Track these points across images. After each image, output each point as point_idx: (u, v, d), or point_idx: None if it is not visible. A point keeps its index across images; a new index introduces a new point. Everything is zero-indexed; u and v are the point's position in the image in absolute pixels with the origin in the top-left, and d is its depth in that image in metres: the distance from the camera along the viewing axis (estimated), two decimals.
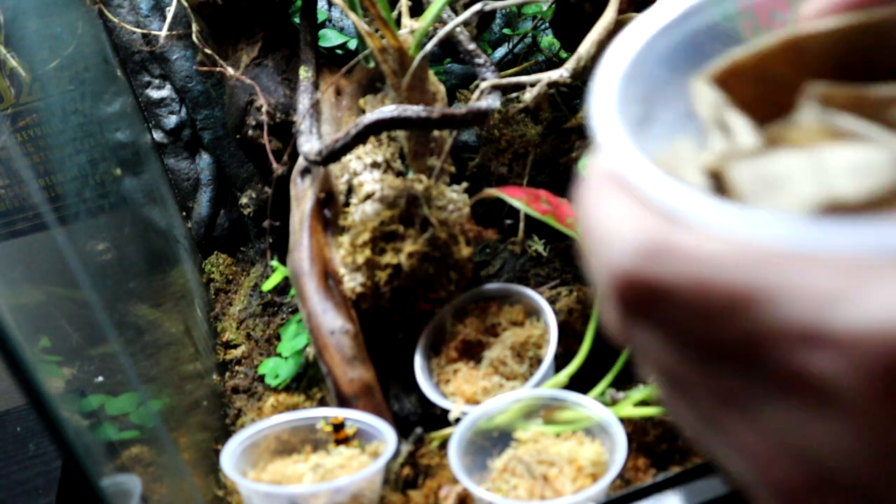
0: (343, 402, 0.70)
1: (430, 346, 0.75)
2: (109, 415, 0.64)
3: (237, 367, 0.92)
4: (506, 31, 1.11)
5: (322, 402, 0.81)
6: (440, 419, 0.73)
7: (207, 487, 0.73)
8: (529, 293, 0.74)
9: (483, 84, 0.74)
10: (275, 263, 0.94)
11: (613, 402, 0.66)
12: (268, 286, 0.94)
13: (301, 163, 0.81)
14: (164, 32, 0.98)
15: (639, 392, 0.66)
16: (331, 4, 1.07)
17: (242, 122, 0.91)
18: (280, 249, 0.90)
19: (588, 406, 0.64)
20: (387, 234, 0.73)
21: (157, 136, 1.09)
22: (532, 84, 0.75)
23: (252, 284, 1.03)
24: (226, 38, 0.93)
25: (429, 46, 0.73)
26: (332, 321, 0.72)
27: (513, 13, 1.12)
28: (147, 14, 1.04)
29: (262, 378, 0.88)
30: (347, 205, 0.78)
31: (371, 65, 0.89)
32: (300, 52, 0.88)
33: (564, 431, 0.65)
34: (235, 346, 0.95)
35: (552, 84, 0.75)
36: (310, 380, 0.84)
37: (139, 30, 1.03)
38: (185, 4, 0.93)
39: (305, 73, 0.85)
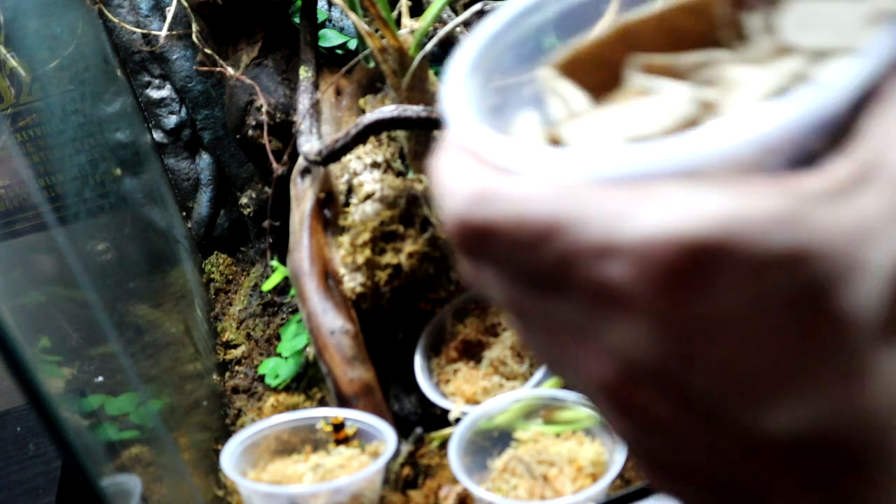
0: (343, 402, 0.70)
1: (430, 346, 0.75)
2: (109, 415, 0.64)
3: (237, 367, 0.92)
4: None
5: (322, 402, 0.81)
6: (440, 419, 0.73)
7: (207, 487, 0.73)
8: None
9: None
10: (275, 263, 0.94)
11: None
12: (268, 286, 0.94)
13: (301, 163, 0.81)
14: (164, 32, 0.98)
15: None
16: (331, 4, 1.07)
17: (242, 122, 0.91)
18: (280, 249, 0.90)
19: (588, 406, 0.64)
20: (387, 234, 0.73)
21: (157, 136, 1.09)
22: None
23: (252, 284, 1.03)
24: (226, 38, 0.93)
25: (429, 46, 0.73)
26: (332, 321, 0.72)
27: None
28: (147, 14, 1.04)
29: (262, 378, 0.88)
30: (347, 205, 0.78)
31: (371, 65, 0.89)
32: (300, 52, 0.88)
33: (564, 431, 0.65)
34: (235, 346, 0.95)
35: None
36: (310, 380, 0.84)
37: (139, 30, 1.03)
38: (185, 4, 0.93)
39: (305, 73, 0.85)
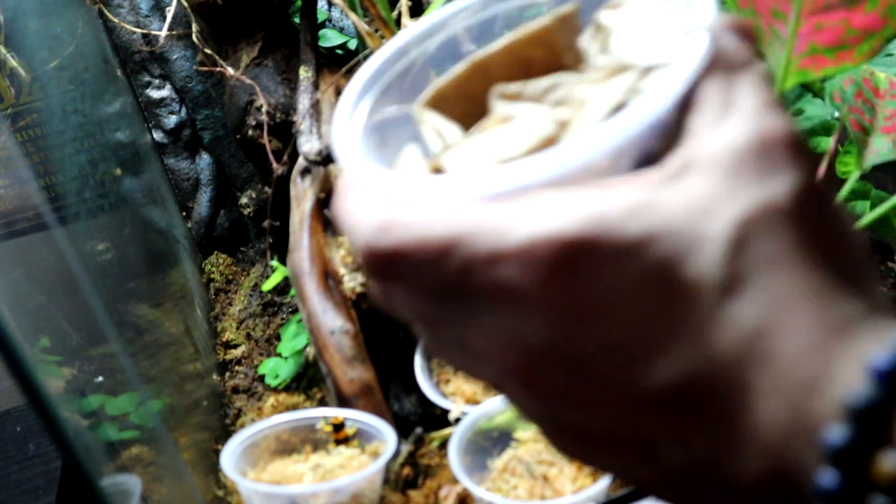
0: (343, 402, 0.70)
1: None
2: (109, 415, 0.64)
3: (237, 367, 0.92)
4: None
5: (322, 402, 0.81)
6: (440, 419, 0.73)
7: (207, 487, 0.73)
8: None
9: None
10: (275, 263, 0.94)
11: None
12: (268, 286, 0.94)
13: (301, 163, 0.81)
14: (164, 32, 0.98)
15: None
16: (331, 4, 1.07)
17: (242, 122, 0.91)
18: (280, 249, 0.90)
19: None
20: None
21: (157, 136, 1.09)
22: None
23: (252, 284, 1.03)
24: (226, 38, 0.93)
25: None
26: (332, 321, 0.72)
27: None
28: (147, 14, 1.04)
29: (262, 378, 0.88)
30: None
31: None
32: (300, 52, 0.88)
33: None
34: (235, 346, 0.95)
35: None
36: (310, 380, 0.84)
37: (139, 30, 1.03)
38: (185, 4, 0.93)
39: (305, 73, 0.85)
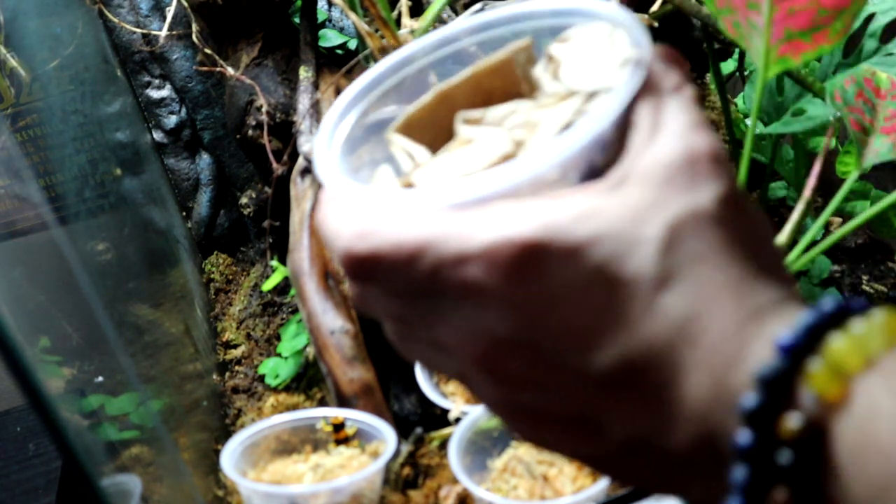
0: (343, 402, 0.70)
1: None
2: (109, 415, 0.64)
3: (237, 367, 0.92)
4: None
5: (322, 402, 0.81)
6: (440, 419, 0.73)
7: (207, 487, 0.73)
8: None
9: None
10: (275, 263, 0.94)
11: None
12: (268, 286, 0.94)
13: (301, 163, 0.81)
14: (164, 32, 0.98)
15: None
16: (331, 4, 1.07)
17: (242, 122, 0.91)
18: (280, 249, 0.90)
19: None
20: None
21: (157, 136, 1.09)
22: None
23: (252, 284, 1.03)
24: (226, 38, 0.93)
25: None
26: (332, 321, 0.72)
27: None
28: (147, 14, 1.04)
29: (262, 378, 0.88)
30: None
31: (371, 65, 0.89)
32: (300, 52, 0.88)
33: None
34: (235, 346, 0.95)
35: None
36: (310, 380, 0.84)
37: (139, 30, 1.03)
38: (185, 4, 0.93)
39: (305, 73, 0.85)
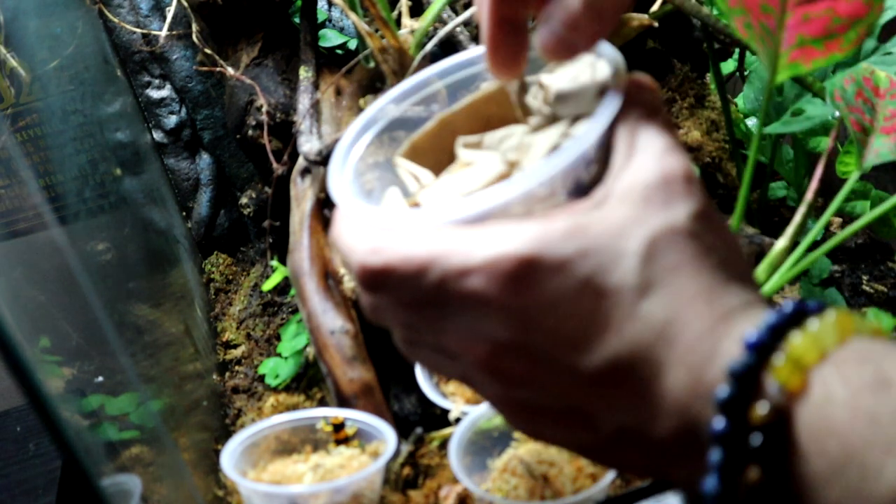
0: (343, 402, 0.70)
1: None
2: (109, 415, 0.64)
3: (237, 367, 0.92)
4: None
5: (322, 402, 0.81)
6: (440, 419, 0.73)
7: (207, 487, 0.73)
8: None
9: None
10: (275, 263, 0.94)
11: None
12: (268, 286, 0.94)
13: (301, 163, 0.81)
14: (164, 32, 0.98)
15: None
16: (331, 4, 1.07)
17: (242, 122, 0.91)
18: (280, 249, 0.90)
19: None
20: None
21: (157, 136, 1.09)
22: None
23: (252, 284, 1.03)
24: (226, 38, 0.93)
25: (429, 46, 0.73)
26: (332, 321, 0.72)
27: None
28: (147, 14, 1.04)
29: (262, 378, 0.88)
30: None
31: (371, 65, 0.89)
32: (300, 52, 0.88)
33: None
34: (235, 346, 0.95)
35: None
36: (310, 380, 0.84)
37: (139, 30, 1.03)
38: (185, 4, 0.93)
39: (305, 73, 0.85)
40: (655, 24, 0.81)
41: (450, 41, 0.83)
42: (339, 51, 1.02)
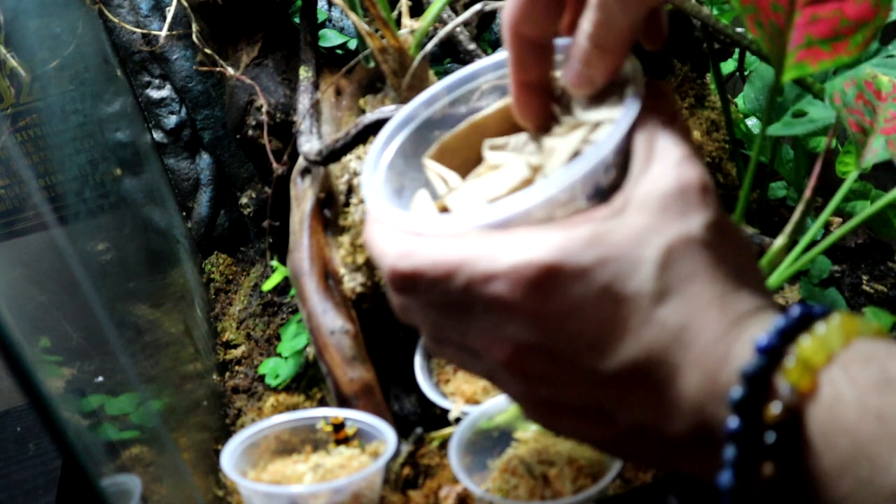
0: (343, 402, 0.70)
1: None
2: (109, 415, 0.64)
3: (237, 367, 0.92)
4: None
5: (322, 402, 0.81)
6: (440, 419, 0.73)
7: (207, 487, 0.73)
8: None
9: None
10: (275, 263, 0.94)
11: None
12: (268, 286, 0.94)
13: (301, 163, 0.81)
14: (164, 32, 0.98)
15: None
16: (331, 4, 1.07)
17: (242, 122, 0.91)
18: (280, 249, 0.90)
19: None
20: None
21: (157, 136, 1.09)
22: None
23: (252, 284, 1.03)
24: (226, 38, 0.93)
25: (429, 46, 0.73)
26: (332, 321, 0.72)
27: None
28: (147, 14, 1.04)
29: (262, 378, 0.88)
30: (347, 205, 0.78)
31: (371, 65, 0.89)
32: (300, 52, 0.88)
33: None
34: (235, 346, 0.95)
35: None
36: (310, 380, 0.84)
37: (139, 30, 1.03)
38: (185, 4, 0.93)
39: (305, 73, 0.85)
40: None
41: (450, 41, 0.83)
42: (339, 51, 1.02)
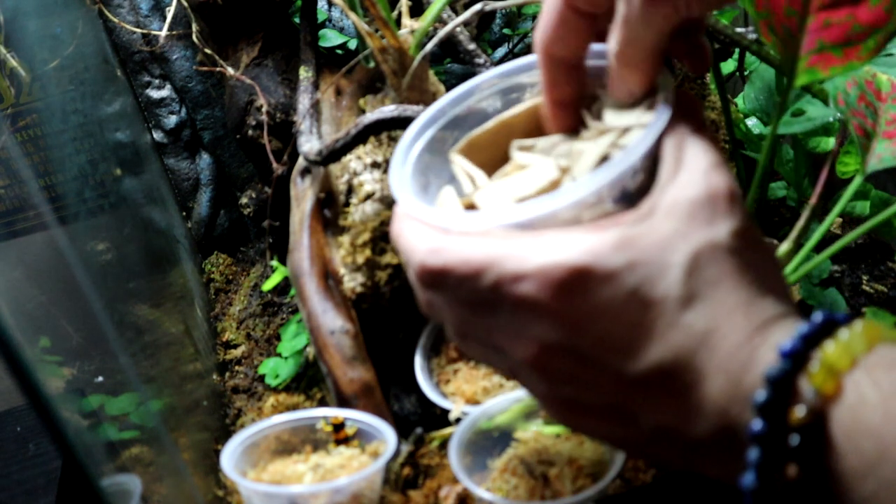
0: (343, 402, 0.70)
1: (430, 346, 0.75)
2: (109, 415, 0.64)
3: (237, 367, 0.92)
4: (506, 31, 1.11)
5: (322, 402, 0.81)
6: (440, 419, 0.73)
7: (207, 487, 0.73)
8: None
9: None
10: (275, 263, 0.94)
11: None
12: (268, 286, 0.94)
13: (301, 163, 0.81)
14: (164, 32, 0.98)
15: None
16: (331, 4, 1.07)
17: (242, 122, 0.91)
18: (280, 249, 0.90)
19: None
20: (387, 235, 0.73)
21: (157, 136, 1.09)
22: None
23: (252, 284, 1.03)
24: (226, 38, 0.93)
25: (429, 46, 0.73)
26: (332, 321, 0.72)
27: (513, 13, 1.12)
28: (147, 14, 1.04)
29: (262, 378, 0.88)
30: (347, 205, 0.78)
31: (371, 65, 0.89)
32: (300, 52, 0.88)
33: (564, 431, 0.65)
34: (235, 346, 0.95)
35: None
36: (310, 380, 0.84)
37: (139, 30, 1.03)
38: (185, 4, 0.93)
39: (305, 73, 0.85)
40: None
41: (450, 41, 0.83)
42: (339, 51, 1.02)
